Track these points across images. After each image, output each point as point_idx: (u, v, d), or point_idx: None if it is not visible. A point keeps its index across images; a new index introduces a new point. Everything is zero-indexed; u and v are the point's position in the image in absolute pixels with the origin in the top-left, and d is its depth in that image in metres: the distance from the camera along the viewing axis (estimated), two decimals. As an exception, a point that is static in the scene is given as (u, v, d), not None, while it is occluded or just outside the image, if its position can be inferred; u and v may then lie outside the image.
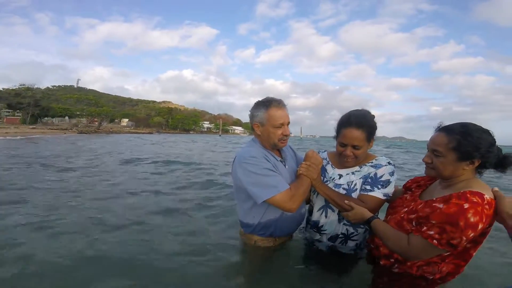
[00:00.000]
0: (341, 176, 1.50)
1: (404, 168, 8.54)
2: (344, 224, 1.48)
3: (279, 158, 1.54)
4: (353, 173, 1.47)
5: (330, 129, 1.50)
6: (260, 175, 1.37)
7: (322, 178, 1.52)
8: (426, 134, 1.23)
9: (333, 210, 1.49)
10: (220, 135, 70.81)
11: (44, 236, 2.02)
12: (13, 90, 49.56)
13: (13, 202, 2.84)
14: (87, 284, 1.44)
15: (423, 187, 1.31)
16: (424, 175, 1.36)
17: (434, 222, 1.02)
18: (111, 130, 49.62)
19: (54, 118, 52.78)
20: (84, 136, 29.04)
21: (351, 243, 1.50)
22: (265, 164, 1.41)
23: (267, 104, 1.45)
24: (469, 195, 0.99)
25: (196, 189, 4.09)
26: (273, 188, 1.35)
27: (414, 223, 1.12)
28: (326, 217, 1.52)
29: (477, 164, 1.07)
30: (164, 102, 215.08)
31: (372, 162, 1.47)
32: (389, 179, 1.40)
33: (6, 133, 21.73)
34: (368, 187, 1.40)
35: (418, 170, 7.78)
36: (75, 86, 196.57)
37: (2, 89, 52.12)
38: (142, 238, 2.04)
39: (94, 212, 2.62)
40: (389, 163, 1.45)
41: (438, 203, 1.06)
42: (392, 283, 1.25)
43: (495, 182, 4.58)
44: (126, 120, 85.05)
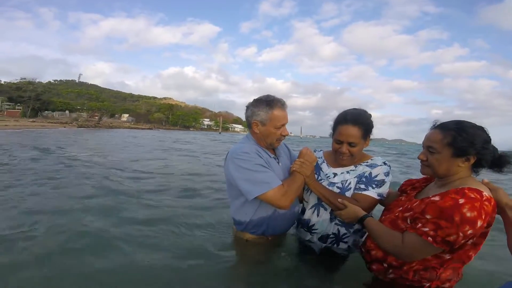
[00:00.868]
0: (335, 174, 1.48)
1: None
2: (335, 224, 1.46)
3: (273, 155, 1.53)
4: (348, 172, 1.46)
5: (330, 129, 1.49)
6: (252, 171, 1.35)
7: (316, 176, 1.52)
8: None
9: (325, 209, 1.47)
10: (220, 133, 70.72)
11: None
12: (14, 83, 49.67)
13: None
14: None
15: (418, 189, 1.28)
16: (419, 178, 1.34)
17: (429, 217, 0.99)
18: (111, 125, 49.54)
19: (54, 112, 52.78)
20: (82, 130, 28.77)
21: (343, 245, 1.48)
22: (257, 160, 1.38)
23: (271, 104, 1.42)
24: (467, 191, 0.97)
25: (186, 180, 3.95)
26: (265, 184, 1.33)
27: (408, 221, 1.09)
28: (318, 215, 1.50)
29: (472, 161, 1.05)
30: (165, 98, 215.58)
31: (367, 162, 1.46)
32: (384, 179, 1.39)
33: (5, 125, 21.73)
34: (362, 186, 1.39)
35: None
36: (77, 81, 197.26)
37: (3, 82, 52.24)
38: (132, 234, 2.01)
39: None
40: (384, 163, 1.44)
41: (434, 197, 1.03)
42: None
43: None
44: (126, 115, 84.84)
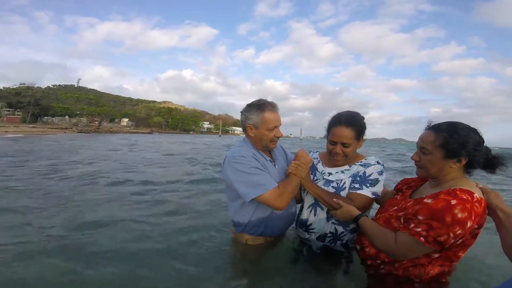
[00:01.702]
0: (330, 174, 1.52)
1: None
2: (332, 223, 1.48)
3: (269, 158, 1.56)
4: (342, 171, 1.49)
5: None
6: (248, 174, 1.39)
7: (312, 176, 1.55)
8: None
9: (322, 208, 1.50)
10: (219, 136, 70.70)
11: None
12: (13, 89, 49.51)
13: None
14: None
15: (414, 188, 1.31)
16: (414, 177, 1.36)
17: (421, 218, 1.02)
18: (111, 129, 49.61)
19: (54, 118, 52.68)
20: (83, 135, 28.84)
21: (341, 243, 1.50)
22: (253, 163, 1.42)
23: (261, 107, 1.46)
24: (458, 192, 0.99)
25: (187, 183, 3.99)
26: (261, 186, 1.36)
27: (402, 220, 1.11)
28: (315, 215, 1.52)
29: (464, 162, 1.07)
30: (164, 102, 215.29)
31: (361, 161, 1.49)
32: (377, 178, 1.42)
33: (5, 131, 21.74)
34: (357, 186, 1.42)
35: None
36: (76, 86, 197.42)
37: (2, 88, 52.15)
38: (131, 234, 2.03)
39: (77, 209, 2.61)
40: (378, 163, 1.47)
41: (427, 199, 1.06)
42: (379, 285, 1.24)
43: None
44: (126, 119, 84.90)
